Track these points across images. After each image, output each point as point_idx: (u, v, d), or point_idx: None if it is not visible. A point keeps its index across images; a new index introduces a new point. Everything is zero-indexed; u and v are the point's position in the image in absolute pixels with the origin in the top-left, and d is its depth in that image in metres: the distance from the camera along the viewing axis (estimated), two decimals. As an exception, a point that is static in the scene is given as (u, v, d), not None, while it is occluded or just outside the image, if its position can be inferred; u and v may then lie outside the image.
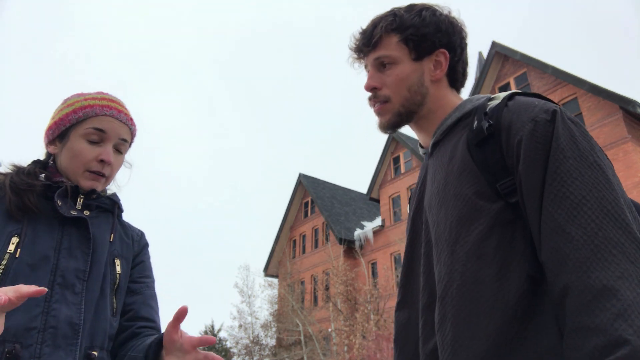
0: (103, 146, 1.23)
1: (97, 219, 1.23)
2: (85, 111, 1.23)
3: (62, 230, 1.15)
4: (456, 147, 0.97)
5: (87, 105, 1.24)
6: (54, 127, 1.25)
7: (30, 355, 1.00)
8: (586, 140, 0.84)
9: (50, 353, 1.02)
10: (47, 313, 1.05)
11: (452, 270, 0.86)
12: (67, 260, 1.12)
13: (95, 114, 1.23)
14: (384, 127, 1.09)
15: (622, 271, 0.70)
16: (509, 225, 0.85)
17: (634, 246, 0.73)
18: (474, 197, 0.88)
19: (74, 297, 1.09)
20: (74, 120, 1.22)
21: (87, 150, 1.21)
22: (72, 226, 1.17)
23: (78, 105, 1.24)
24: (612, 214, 0.75)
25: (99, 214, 1.26)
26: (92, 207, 1.24)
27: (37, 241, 1.10)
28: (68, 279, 1.10)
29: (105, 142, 1.23)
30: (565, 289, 0.74)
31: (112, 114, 1.25)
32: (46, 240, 1.12)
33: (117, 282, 1.22)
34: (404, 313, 1.04)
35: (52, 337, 1.03)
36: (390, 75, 1.06)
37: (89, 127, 1.21)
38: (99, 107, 1.24)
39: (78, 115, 1.22)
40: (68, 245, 1.13)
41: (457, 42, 1.08)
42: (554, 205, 0.79)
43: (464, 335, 0.81)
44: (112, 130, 1.24)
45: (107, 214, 1.28)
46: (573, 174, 0.80)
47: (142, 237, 1.39)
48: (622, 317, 0.66)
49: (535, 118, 0.87)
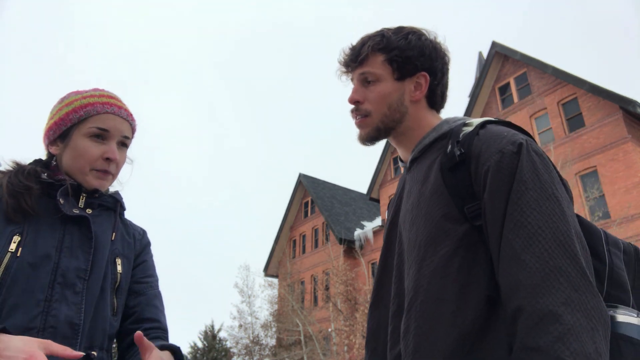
0: (107, 144, 1.22)
1: (99, 218, 1.23)
2: (86, 110, 1.22)
3: (64, 228, 1.15)
4: (430, 169, 1.04)
5: (87, 103, 1.23)
6: (55, 127, 1.23)
7: None
8: (547, 173, 0.91)
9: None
10: (47, 313, 1.04)
11: (418, 286, 0.94)
12: (69, 259, 1.11)
13: (96, 112, 1.22)
14: (363, 139, 1.16)
15: (566, 298, 0.78)
16: (472, 247, 0.92)
17: (579, 275, 0.80)
18: (442, 219, 0.95)
19: (74, 297, 1.09)
20: (75, 119, 1.21)
21: (92, 148, 1.20)
22: (74, 225, 1.16)
23: (78, 104, 1.23)
24: (564, 244, 0.83)
25: (101, 212, 1.25)
26: (94, 205, 1.23)
27: (38, 240, 1.10)
28: (69, 278, 1.09)
29: (108, 140, 1.23)
30: (517, 312, 0.81)
31: (112, 111, 1.24)
32: (48, 239, 1.11)
33: (118, 281, 1.21)
34: (374, 316, 1.12)
35: (51, 337, 1.02)
36: (372, 92, 1.13)
37: (92, 127, 1.21)
38: (100, 104, 1.23)
39: (79, 115, 1.21)
40: (69, 244, 1.13)
41: (439, 67, 1.14)
42: (513, 233, 0.86)
43: (424, 347, 0.89)
44: (115, 128, 1.24)
45: (109, 212, 1.27)
46: (532, 205, 0.86)
47: (144, 236, 1.38)
48: (562, 340, 0.74)
49: (502, 150, 0.93)
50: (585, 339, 0.74)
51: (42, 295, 1.05)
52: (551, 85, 14.94)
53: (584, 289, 0.79)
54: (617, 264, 0.93)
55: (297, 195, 26.15)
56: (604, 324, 0.78)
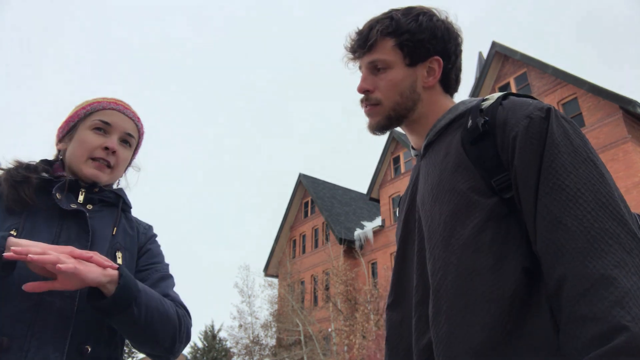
0: (109, 137, 1.27)
1: (99, 213, 1.23)
2: (93, 106, 1.29)
3: (62, 224, 1.15)
4: (450, 145, 0.98)
5: (95, 101, 1.31)
6: (64, 125, 1.31)
7: (19, 348, 0.99)
8: (579, 138, 0.86)
9: (38, 347, 1.00)
10: (38, 305, 1.04)
11: (447, 263, 0.87)
12: None
13: (102, 107, 1.29)
14: (373, 128, 1.10)
15: (619, 260, 0.71)
16: (504, 219, 0.86)
17: (629, 237, 0.74)
18: (468, 192, 0.89)
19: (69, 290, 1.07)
20: (82, 114, 1.29)
21: (92, 138, 1.25)
22: (72, 220, 1.17)
23: (86, 103, 1.31)
24: (607, 206, 0.77)
25: (103, 208, 1.26)
26: (95, 201, 1.24)
27: (34, 234, 1.10)
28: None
29: (110, 134, 1.28)
30: (562, 279, 0.74)
31: (118, 108, 1.31)
32: (44, 234, 1.12)
33: None
34: (397, 313, 1.03)
35: (42, 329, 1.02)
36: (383, 79, 1.06)
37: (95, 119, 1.27)
38: (106, 102, 1.31)
39: (86, 110, 1.29)
40: (66, 238, 1.13)
41: (452, 50, 1.07)
42: (550, 197, 0.80)
43: (459, 328, 0.81)
44: (118, 123, 1.29)
45: (112, 208, 1.28)
46: (568, 167, 0.81)
47: (149, 230, 1.38)
48: (620, 304, 0.67)
49: (530, 115, 0.88)
50: None
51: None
52: (551, 85, 14.94)
53: (636, 251, 0.73)
54: None
55: (297, 195, 26.14)
56: None
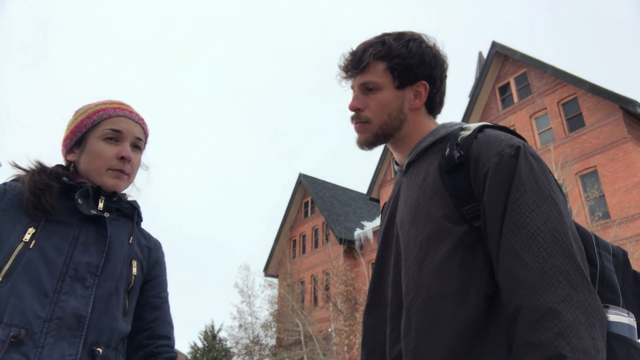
0: (121, 145, 1.28)
1: (116, 222, 1.26)
2: (99, 114, 1.28)
3: (81, 227, 1.18)
4: (429, 171, 1.06)
5: (100, 109, 1.29)
6: (71, 135, 1.29)
7: (34, 344, 1.01)
8: (544, 175, 0.93)
9: (54, 343, 1.03)
10: (54, 304, 1.06)
11: (419, 285, 0.95)
12: (82, 254, 1.14)
13: (109, 115, 1.29)
14: (361, 144, 1.18)
15: (565, 295, 0.80)
16: (471, 247, 0.94)
17: (577, 274, 0.82)
18: (442, 219, 0.97)
19: (83, 291, 1.11)
20: (89, 124, 1.27)
21: (107, 149, 1.26)
22: (91, 224, 1.19)
23: (91, 111, 1.30)
24: (561, 244, 0.85)
25: (118, 217, 1.29)
26: (112, 209, 1.27)
27: (52, 234, 1.13)
28: (80, 272, 1.12)
29: (122, 141, 1.28)
30: (517, 309, 0.83)
31: (124, 114, 1.31)
32: (62, 234, 1.14)
33: (132, 282, 1.24)
34: (371, 318, 1.12)
35: (57, 327, 1.04)
36: (373, 100, 1.14)
37: (105, 129, 1.27)
38: (112, 109, 1.30)
39: (93, 120, 1.28)
40: (84, 241, 1.16)
41: (438, 75, 1.15)
42: (512, 233, 0.88)
43: (426, 345, 0.90)
44: (128, 130, 1.30)
45: (126, 218, 1.31)
46: (531, 206, 0.89)
47: (159, 248, 1.42)
48: (562, 336, 0.76)
49: (501, 152, 0.95)
50: (584, 335, 0.76)
51: (51, 286, 1.08)
52: (551, 85, 14.94)
53: (581, 287, 0.81)
54: (607, 266, 0.97)
55: (297, 195, 26.15)
56: (601, 321, 0.80)
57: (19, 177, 1.23)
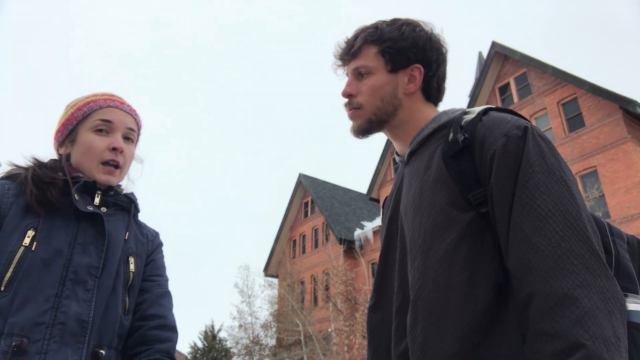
0: (112, 136, 1.25)
1: (113, 217, 1.24)
2: (89, 106, 1.26)
3: (78, 225, 1.16)
4: (432, 158, 1.02)
5: (90, 101, 1.27)
6: (62, 128, 1.27)
7: (37, 350, 0.99)
8: (554, 157, 0.89)
9: (57, 349, 1.01)
10: (56, 309, 1.04)
11: (425, 275, 0.91)
12: (81, 255, 1.12)
13: (99, 106, 1.26)
14: (355, 131, 1.14)
15: (582, 281, 0.75)
16: (479, 235, 0.90)
17: (593, 258, 0.78)
18: (447, 206, 0.93)
19: (85, 294, 1.09)
20: (80, 116, 1.25)
21: (98, 141, 1.23)
22: (88, 222, 1.17)
23: (81, 103, 1.27)
24: (575, 227, 0.80)
25: (115, 211, 1.26)
26: (109, 203, 1.25)
27: (52, 235, 1.11)
28: (80, 275, 1.10)
29: (113, 132, 1.26)
30: (530, 296, 0.78)
31: (115, 105, 1.28)
32: (61, 235, 1.12)
33: (130, 279, 1.22)
34: (377, 315, 1.07)
35: (60, 333, 1.03)
36: (365, 85, 1.11)
37: (95, 120, 1.24)
38: (102, 100, 1.27)
39: (83, 111, 1.25)
40: (83, 241, 1.14)
41: (433, 58, 1.11)
42: (522, 216, 0.84)
43: (434, 338, 0.86)
44: (119, 120, 1.27)
45: (123, 212, 1.28)
46: (541, 188, 0.84)
47: (156, 237, 1.39)
48: (580, 323, 0.72)
49: (507, 133, 0.91)
50: (603, 322, 0.72)
51: (52, 290, 1.06)
52: (551, 85, 14.94)
53: (599, 272, 0.76)
54: (623, 254, 0.93)
55: (297, 195, 26.14)
56: (621, 308, 0.76)
57: (11, 175, 1.19)
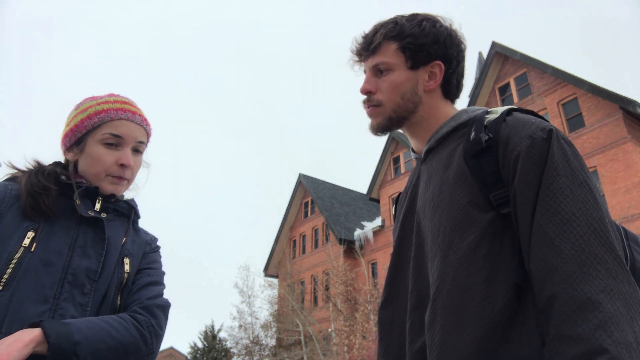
0: (121, 150, 1.24)
1: (113, 222, 1.24)
2: (100, 116, 1.23)
3: (79, 229, 1.16)
4: (452, 156, 1.00)
5: (102, 110, 1.24)
6: (70, 134, 1.25)
7: None
8: (577, 160, 0.89)
9: None
10: (54, 311, 1.05)
11: (444, 274, 0.90)
12: (80, 258, 1.12)
13: (110, 118, 1.23)
14: (375, 129, 1.12)
15: (605, 286, 0.76)
16: (499, 235, 0.89)
17: (616, 263, 0.78)
18: (467, 206, 0.92)
19: (82, 298, 1.09)
20: (89, 126, 1.23)
21: (106, 155, 1.22)
22: (89, 226, 1.17)
23: (92, 110, 1.24)
24: (598, 232, 0.81)
25: (115, 217, 1.26)
26: (109, 210, 1.25)
27: (52, 237, 1.11)
28: (79, 278, 1.10)
29: (123, 146, 1.24)
30: (551, 299, 0.79)
31: (127, 117, 1.25)
32: (61, 237, 1.12)
33: (124, 280, 1.21)
34: (388, 312, 1.06)
35: None
36: (385, 81, 1.09)
37: (105, 133, 1.22)
38: (113, 110, 1.24)
39: (93, 121, 1.23)
40: (82, 244, 1.14)
41: (454, 55, 1.10)
42: (546, 219, 0.84)
43: (452, 337, 0.85)
44: (129, 134, 1.25)
45: (123, 218, 1.28)
46: (565, 191, 0.84)
47: (154, 242, 1.39)
48: (603, 328, 0.72)
49: (532, 135, 0.91)
50: (625, 328, 0.72)
51: (51, 292, 1.06)
52: (551, 86, 14.94)
53: (621, 278, 0.77)
54: (638, 259, 0.93)
55: (297, 195, 26.14)
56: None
57: (15, 177, 1.20)
